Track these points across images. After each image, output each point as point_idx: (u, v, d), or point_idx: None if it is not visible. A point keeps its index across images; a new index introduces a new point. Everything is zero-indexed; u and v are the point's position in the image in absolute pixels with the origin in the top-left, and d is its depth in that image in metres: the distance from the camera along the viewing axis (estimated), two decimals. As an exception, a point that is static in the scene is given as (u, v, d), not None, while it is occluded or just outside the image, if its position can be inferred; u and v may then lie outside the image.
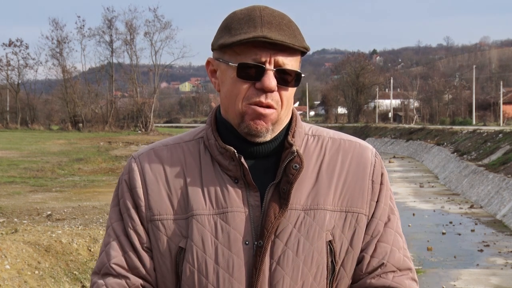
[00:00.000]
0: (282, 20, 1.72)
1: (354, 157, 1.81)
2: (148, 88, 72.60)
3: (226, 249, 1.70)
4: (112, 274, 1.74)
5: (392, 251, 1.78)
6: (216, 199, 1.73)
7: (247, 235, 1.71)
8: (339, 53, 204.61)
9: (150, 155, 1.81)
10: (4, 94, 70.10)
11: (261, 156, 1.76)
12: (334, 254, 1.74)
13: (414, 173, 32.46)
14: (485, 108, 72.29)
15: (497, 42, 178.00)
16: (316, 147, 1.81)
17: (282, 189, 1.72)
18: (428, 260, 13.61)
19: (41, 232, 9.11)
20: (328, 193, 1.75)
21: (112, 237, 1.77)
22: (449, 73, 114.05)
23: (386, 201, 1.81)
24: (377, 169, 1.82)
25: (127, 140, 47.34)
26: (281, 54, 1.70)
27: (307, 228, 1.72)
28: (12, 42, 69.76)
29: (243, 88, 1.70)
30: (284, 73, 1.71)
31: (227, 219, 1.71)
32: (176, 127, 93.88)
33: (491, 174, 23.41)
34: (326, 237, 1.73)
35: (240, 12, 1.75)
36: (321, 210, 1.73)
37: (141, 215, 1.76)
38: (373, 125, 67.68)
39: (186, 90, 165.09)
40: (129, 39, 70.52)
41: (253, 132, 1.72)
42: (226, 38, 1.71)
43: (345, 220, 1.75)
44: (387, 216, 1.80)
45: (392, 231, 1.80)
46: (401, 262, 1.78)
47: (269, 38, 1.67)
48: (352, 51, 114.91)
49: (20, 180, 20.98)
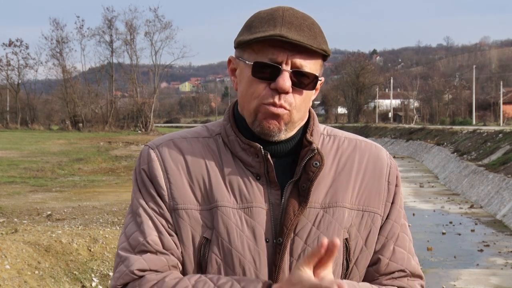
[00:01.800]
0: (304, 21, 1.70)
1: (371, 157, 1.81)
2: (148, 88, 72.61)
3: (253, 244, 1.69)
4: (150, 251, 1.69)
5: (409, 258, 1.80)
6: (240, 193, 1.71)
7: (267, 233, 1.70)
8: (339, 53, 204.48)
9: (170, 145, 1.78)
10: (4, 94, 70.13)
11: (279, 155, 1.75)
12: (349, 252, 1.74)
13: (414, 173, 32.45)
14: (485, 108, 72.32)
15: (497, 42, 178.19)
16: (333, 146, 1.80)
17: (301, 187, 1.71)
18: (428, 260, 13.60)
19: (41, 232, 9.11)
20: (346, 191, 1.75)
21: (144, 218, 1.72)
22: (449, 73, 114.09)
23: (401, 204, 1.83)
24: (393, 171, 1.83)
25: (127, 140, 47.32)
26: (299, 56, 1.67)
27: (326, 226, 1.72)
28: (12, 42, 69.83)
29: (259, 87, 1.69)
30: (301, 75, 1.68)
31: (252, 214, 1.70)
32: (176, 127, 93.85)
33: (491, 174, 23.41)
34: (343, 235, 1.73)
35: (264, 12, 1.74)
36: (340, 208, 1.73)
37: (167, 203, 1.73)
38: (373, 125, 67.68)
39: (186, 90, 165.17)
40: (129, 39, 70.58)
41: (266, 131, 1.70)
42: (245, 36, 1.70)
43: (361, 219, 1.76)
44: (402, 218, 1.83)
45: (407, 237, 1.82)
46: (416, 269, 1.82)
47: (286, 37, 1.64)
48: (352, 51, 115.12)
49: (20, 180, 20.98)
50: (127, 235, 1.73)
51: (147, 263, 1.68)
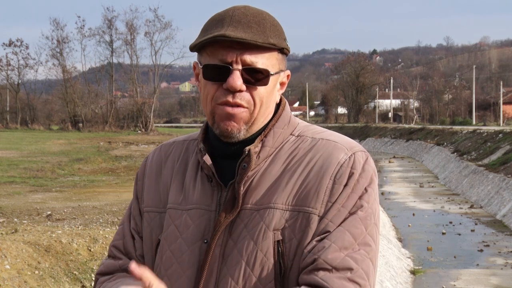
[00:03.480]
0: (255, 18, 1.68)
1: (322, 156, 1.71)
2: (148, 88, 72.58)
3: (185, 245, 1.72)
4: (111, 255, 1.87)
5: (330, 248, 1.62)
6: (189, 195, 1.76)
7: (207, 234, 1.71)
8: (339, 53, 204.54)
9: (159, 149, 1.91)
10: (4, 94, 70.10)
11: (236, 156, 1.72)
12: (282, 255, 1.66)
13: (414, 173, 32.46)
14: (485, 108, 72.29)
15: (497, 42, 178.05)
16: (291, 148, 1.74)
17: (234, 189, 1.71)
18: (428, 260, 13.60)
19: (41, 232, 9.11)
20: (283, 191, 1.68)
21: (122, 222, 1.90)
22: (449, 73, 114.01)
23: (347, 204, 1.67)
24: (344, 168, 1.68)
25: (127, 140, 47.31)
26: (249, 53, 1.66)
27: (253, 227, 1.67)
28: (12, 42, 69.78)
29: (212, 89, 1.69)
30: (253, 72, 1.67)
31: (192, 216, 1.73)
32: (176, 127, 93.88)
33: (491, 174, 23.41)
34: (275, 237, 1.66)
35: (218, 13, 1.73)
36: (271, 209, 1.67)
37: (140, 206, 1.86)
38: (373, 125, 67.69)
39: (186, 90, 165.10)
40: (129, 39, 70.56)
41: (225, 133, 1.70)
42: (197, 39, 1.71)
43: (295, 220, 1.66)
44: (342, 218, 1.66)
45: (342, 229, 1.64)
46: (338, 261, 1.61)
47: (228, 36, 1.63)
48: (352, 51, 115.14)
49: (20, 180, 20.97)
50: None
51: (104, 267, 1.86)
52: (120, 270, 1.82)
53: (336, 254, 1.62)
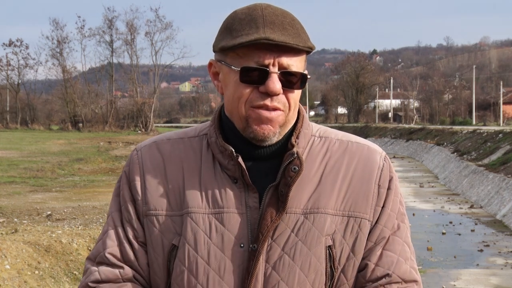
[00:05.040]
0: (285, 19, 1.65)
1: (360, 160, 1.74)
2: (148, 88, 72.61)
3: (219, 251, 1.65)
4: (106, 263, 1.72)
5: (399, 262, 1.71)
6: (213, 198, 1.68)
7: (242, 238, 1.66)
8: (339, 53, 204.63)
9: (152, 148, 1.78)
10: (4, 94, 70.13)
11: (263, 158, 1.70)
12: (333, 260, 1.68)
13: (414, 173, 32.45)
14: (485, 108, 72.31)
15: (497, 42, 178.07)
16: (322, 149, 1.74)
17: (280, 192, 1.66)
18: (428, 260, 13.60)
19: (41, 232, 9.11)
20: (331, 197, 1.69)
21: (111, 226, 1.75)
22: (449, 73, 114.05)
23: (394, 207, 1.73)
24: (385, 173, 1.74)
25: (127, 140, 47.33)
26: (286, 55, 1.63)
27: (305, 233, 1.66)
28: (12, 42, 69.83)
29: (246, 91, 1.64)
30: (289, 75, 1.64)
31: (222, 220, 1.67)
32: (176, 127, 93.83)
33: (491, 174, 23.41)
34: (326, 242, 1.67)
35: (241, 12, 1.67)
36: (322, 214, 1.67)
37: (137, 209, 1.73)
38: (373, 125, 67.69)
39: (186, 90, 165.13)
40: (129, 39, 70.59)
41: (260, 138, 1.66)
42: (228, 40, 1.65)
43: (347, 225, 1.69)
44: (394, 223, 1.73)
45: (400, 240, 1.73)
46: (407, 274, 1.71)
47: (272, 40, 1.60)
48: (352, 51, 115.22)
49: (20, 180, 20.98)
50: (97, 242, 1.78)
51: (100, 275, 1.71)
52: (122, 279, 1.71)
53: (404, 268, 1.71)
